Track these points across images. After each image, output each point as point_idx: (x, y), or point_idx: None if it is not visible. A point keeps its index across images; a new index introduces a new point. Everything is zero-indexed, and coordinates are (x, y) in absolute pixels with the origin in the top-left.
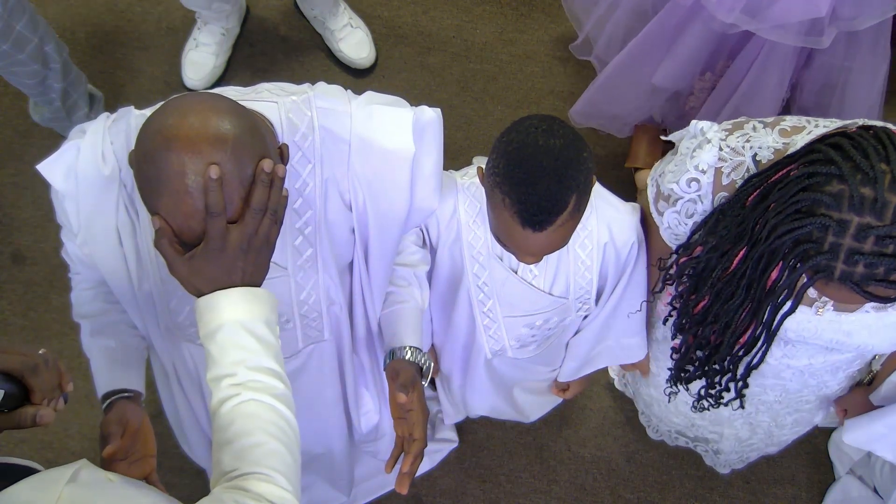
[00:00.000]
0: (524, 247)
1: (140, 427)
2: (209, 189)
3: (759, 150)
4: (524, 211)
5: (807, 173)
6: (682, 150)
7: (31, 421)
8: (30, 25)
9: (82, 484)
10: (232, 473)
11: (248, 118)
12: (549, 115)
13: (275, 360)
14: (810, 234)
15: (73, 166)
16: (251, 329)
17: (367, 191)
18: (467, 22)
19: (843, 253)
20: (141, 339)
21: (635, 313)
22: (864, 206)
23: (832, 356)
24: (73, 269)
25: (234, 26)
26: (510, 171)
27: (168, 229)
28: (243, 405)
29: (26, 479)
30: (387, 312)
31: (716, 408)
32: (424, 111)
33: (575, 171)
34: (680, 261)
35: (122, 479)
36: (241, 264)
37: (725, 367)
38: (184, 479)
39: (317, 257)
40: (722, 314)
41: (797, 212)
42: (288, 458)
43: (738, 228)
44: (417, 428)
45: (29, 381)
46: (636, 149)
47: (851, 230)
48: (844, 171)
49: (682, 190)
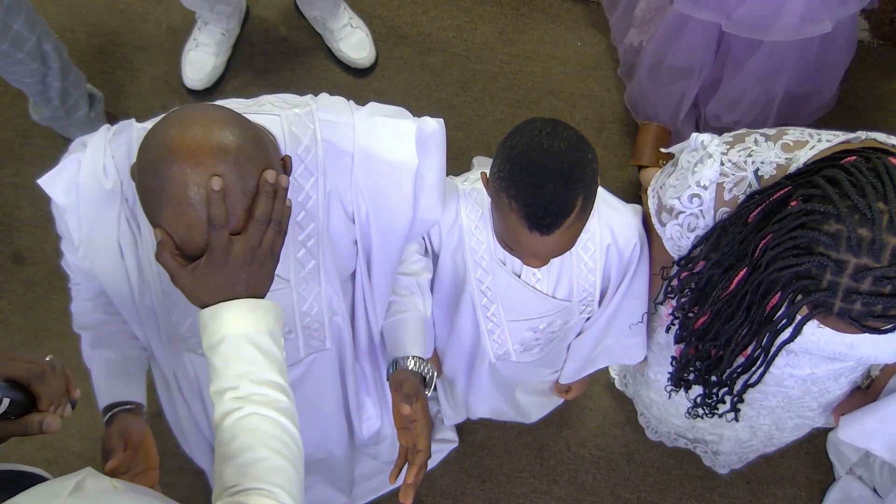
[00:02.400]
0: (531, 250)
1: (142, 440)
2: (212, 200)
3: (761, 164)
4: (531, 214)
5: (805, 210)
6: (682, 164)
7: (38, 428)
8: (27, 24)
9: (86, 495)
10: (234, 489)
11: (250, 129)
12: (552, 118)
13: (278, 373)
14: (809, 271)
15: (75, 180)
16: (255, 341)
17: (369, 203)
18: (467, 22)
19: (841, 291)
20: (142, 351)
21: (637, 324)
22: (862, 248)
23: (835, 365)
24: (72, 280)
25: (234, 26)
26: (516, 176)
27: (170, 241)
28: (246, 419)
29: (28, 491)
30: (389, 322)
31: (710, 417)
32: (427, 122)
33: (581, 172)
34: (682, 275)
35: (128, 487)
36: (245, 276)
37: (723, 381)
38: (184, 479)
39: (319, 269)
40: (722, 332)
41: (796, 247)
42: (291, 472)
43: (740, 246)
44: (421, 438)
45: (35, 389)
46: (641, 146)
47: (849, 270)
48: (842, 212)
49: (683, 205)
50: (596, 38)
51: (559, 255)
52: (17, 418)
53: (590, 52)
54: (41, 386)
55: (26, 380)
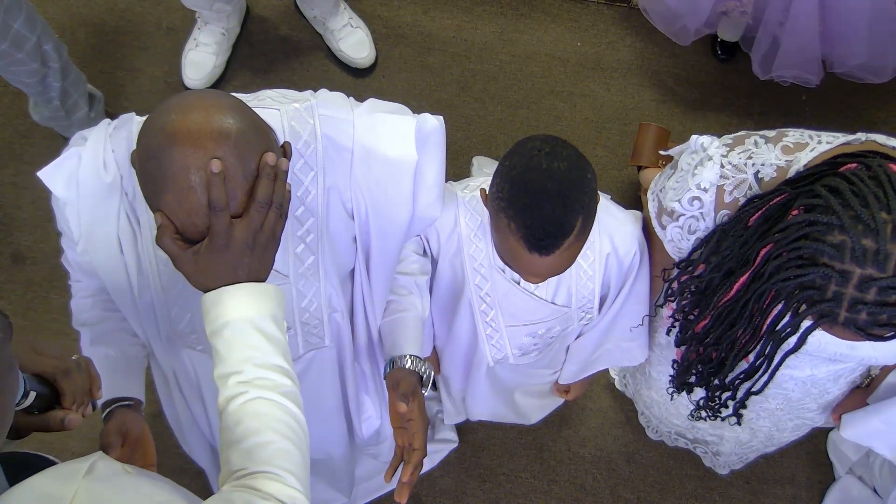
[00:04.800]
0: (530, 269)
1: (140, 436)
2: (212, 183)
3: (761, 167)
4: (530, 236)
5: (807, 220)
6: (682, 166)
7: (60, 424)
8: (27, 24)
9: (99, 477)
10: (240, 472)
11: (250, 114)
12: (552, 136)
13: (282, 357)
14: (813, 282)
15: (75, 174)
16: (258, 326)
17: (369, 199)
18: (467, 22)
19: (847, 301)
20: (141, 348)
21: (637, 327)
22: (867, 258)
23: (835, 366)
24: (72, 277)
25: (234, 26)
26: (514, 196)
27: (170, 226)
28: (251, 403)
29: (44, 472)
30: (387, 321)
31: (713, 420)
32: (427, 119)
33: (579, 192)
34: (682, 278)
35: (138, 471)
36: (247, 260)
37: (726, 385)
38: (184, 479)
39: (318, 265)
40: (724, 338)
41: (799, 258)
42: (297, 456)
43: (740, 249)
44: (417, 438)
45: (60, 385)
46: (640, 147)
47: (854, 281)
48: (845, 222)
49: (684, 208)
50: (596, 38)
51: (558, 273)
52: (40, 413)
53: (590, 52)
54: (66, 383)
55: (52, 375)
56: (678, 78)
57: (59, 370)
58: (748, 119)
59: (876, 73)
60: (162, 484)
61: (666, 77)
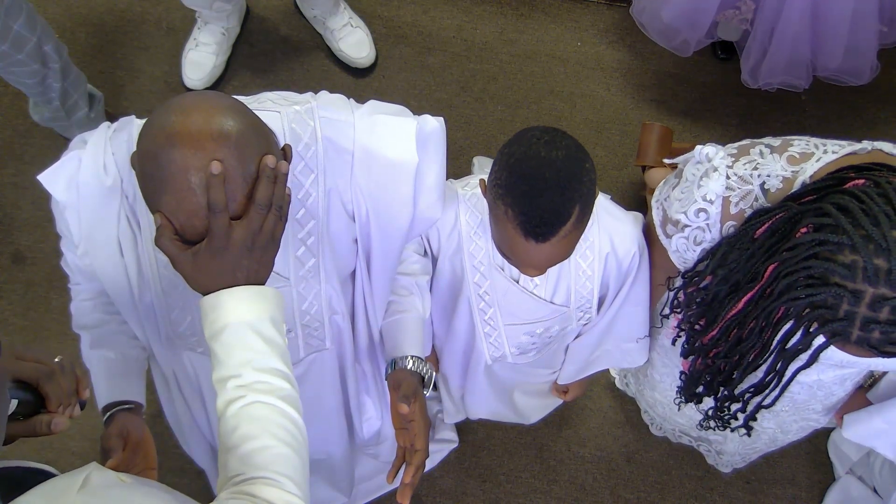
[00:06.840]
0: (527, 259)
1: (141, 439)
2: (211, 185)
3: (767, 178)
4: (527, 223)
5: (817, 240)
6: (687, 177)
7: (46, 429)
8: (28, 25)
9: (94, 490)
10: (238, 478)
11: (250, 116)
12: (551, 127)
13: (281, 361)
14: (825, 301)
15: (75, 177)
16: (257, 329)
17: (369, 201)
18: (467, 22)
19: (859, 321)
20: (141, 350)
21: (643, 339)
22: (879, 278)
23: (842, 371)
24: (72, 280)
25: (234, 26)
26: (512, 184)
27: (169, 226)
28: (249, 407)
29: (37, 489)
30: (388, 322)
31: (722, 430)
32: (427, 121)
33: (577, 181)
34: (688, 289)
35: (134, 480)
36: (246, 262)
37: (735, 396)
38: (184, 479)
39: (319, 268)
40: (733, 352)
41: (810, 276)
42: (296, 461)
43: (747, 262)
44: (419, 438)
45: (44, 389)
46: (645, 147)
47: (866, 300)
48: (856, 242)
49: (689, 219)
50: (596, 38)
51: (556, 264)
52: (25, 419)
53: (590, 52)
54: (50, 386)
55: (35, 380)
56: (678, 78)
57: (42, 374)
58: (748, 119)
59: (855, 75)
60: (158, 492)
61: (666, 77)
